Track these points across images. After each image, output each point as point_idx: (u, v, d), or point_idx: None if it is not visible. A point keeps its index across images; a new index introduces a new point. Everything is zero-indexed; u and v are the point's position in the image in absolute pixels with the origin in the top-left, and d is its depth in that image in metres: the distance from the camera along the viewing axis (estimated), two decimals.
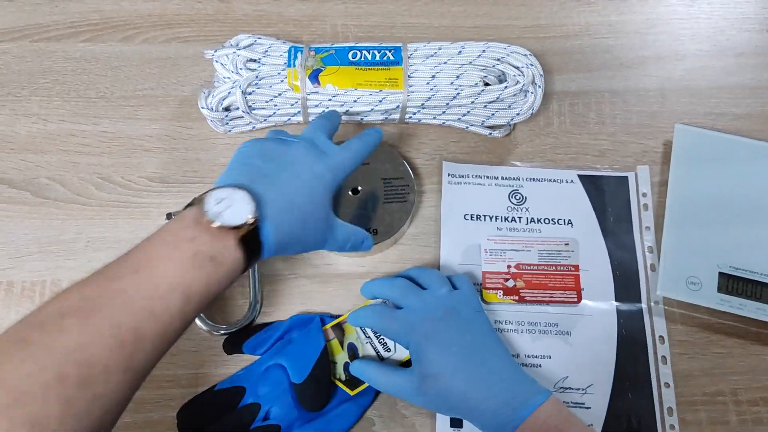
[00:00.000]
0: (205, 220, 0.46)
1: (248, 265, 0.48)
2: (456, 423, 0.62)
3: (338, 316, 0.65)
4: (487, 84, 0.71)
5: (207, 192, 0.48)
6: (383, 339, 0.63)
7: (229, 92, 0.69)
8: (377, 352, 0.63)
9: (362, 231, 0.59)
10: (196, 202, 0.48)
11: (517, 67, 0.71)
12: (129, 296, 0.43)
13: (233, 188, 0.48)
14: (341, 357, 0.63)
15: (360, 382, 0.62)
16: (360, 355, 0.63)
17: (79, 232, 0.69)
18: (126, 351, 0.42)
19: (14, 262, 0.68)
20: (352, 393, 0.61)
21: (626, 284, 0.68)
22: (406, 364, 0.62)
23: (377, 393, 0.63)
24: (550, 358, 0.65)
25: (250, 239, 0.48)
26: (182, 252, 0.45)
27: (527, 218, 0.70)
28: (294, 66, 0.70)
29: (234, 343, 0.64)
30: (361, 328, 0.64)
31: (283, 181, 0.51)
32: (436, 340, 0.57)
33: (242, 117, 0.71)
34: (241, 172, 0.52)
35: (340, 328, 0.64)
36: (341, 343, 0.63)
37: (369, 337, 0.63)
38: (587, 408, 0.63)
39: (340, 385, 0.61)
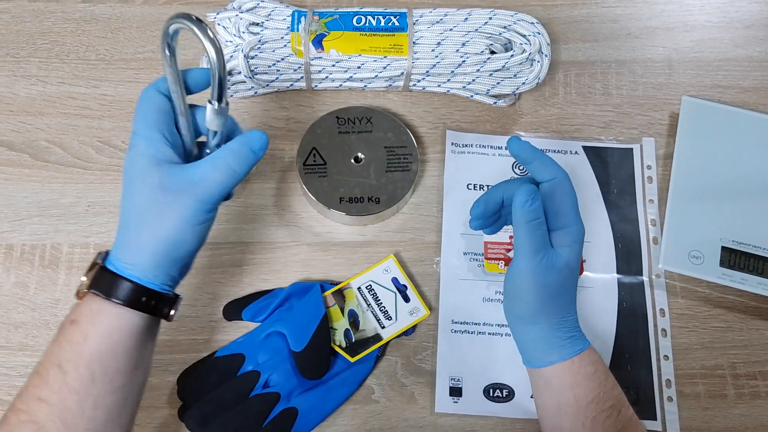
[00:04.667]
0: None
1: (133, 299, 0.47)
2: (455, 392, 0.63)
3: (338, 283, 0.65)
4: (493, 52, 0.70)
5: None
6: (384, 307, 0.63)
7: (231, 56, 0.68)
8: (378, 320, 0.63)
9: (228, 139, 0.51)
10: None
11: (524, 36, 0.70)
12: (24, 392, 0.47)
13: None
14: (341, 324, 0.63)
15: (360, 349, 0.62)
16: (360, 322, 0.63)
17: (79, 196, 0.68)
18: None
19: (14, 225, 0.67)
20: (352, 360, 0.61)
21: (628, 257, 0.68)
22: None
23: (377, 360, 0.63)
24: None
25: (103, 281, 0.47)
26: (54, 335, 0.48)
27: None
28: (297, 30, 0.69)
29: (234, 310, 0.64)
30: (361, 295, 0.64)
31: (121, 213, 0.49)
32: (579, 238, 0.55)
33: (244, 82, 0.70)
34: None
35: (340, 295, 0.64)
36: (342, 310, 0.63)
37: (370, 304, 0.63)
38: None
39: (341, 351, 0.62)
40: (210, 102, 0.49)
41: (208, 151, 0.52)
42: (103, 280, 0.47)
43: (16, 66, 0.74)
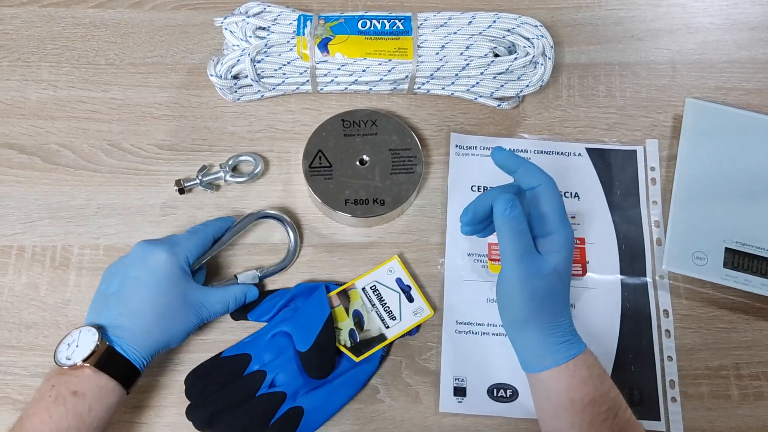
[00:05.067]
0: (60, 366, 0.54)
1: (128, 381, 0.56)
2: (459, 392, 0.63)
3: (343, 284, 0.65)
4: (496, 55, 0.71)
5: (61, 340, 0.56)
6: (389, 307, 0.64)
7: (238, 60, 0.69)
8: (382, 320, 0.64)
9: (240, 287, 0.64)
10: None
11: (528, 39, 0.71)
12: None
13: (79, 329, 0.56)
14: (346, 324, 0.63)
15: (365, 349, 0.62)
16: (365, 322, 0.63)
17: (89, 198, 0.70)
18: None
19: (25, 227, 0.68)
20: (357, 359, 0.62)
21: (632, 258, 0.68)
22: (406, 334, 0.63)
23: (382, 360, 0.64)
24: None
25: (111, 361, 0.55)
26: (46, 400, 0.53)
27: None
28: (303, 34, 0.70)
29: (240, 310, 0.65)
30: (365, 295, 0.64)
31: (128, 296, 0.58)
32: (568, 247, 0.55)
33: (251, 85, 0.71)
34: (94, 304, 0.59)
35: (345, 295, 0.65)
36: (346, 310, 0.64)
37: (374, 305, 0.64)
38: None
39: (346, 351, 0.62)
40: (258, 272, 0.66)
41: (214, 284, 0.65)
42: (113, 361, 0.55)
43: (27, 70, 0.75)
